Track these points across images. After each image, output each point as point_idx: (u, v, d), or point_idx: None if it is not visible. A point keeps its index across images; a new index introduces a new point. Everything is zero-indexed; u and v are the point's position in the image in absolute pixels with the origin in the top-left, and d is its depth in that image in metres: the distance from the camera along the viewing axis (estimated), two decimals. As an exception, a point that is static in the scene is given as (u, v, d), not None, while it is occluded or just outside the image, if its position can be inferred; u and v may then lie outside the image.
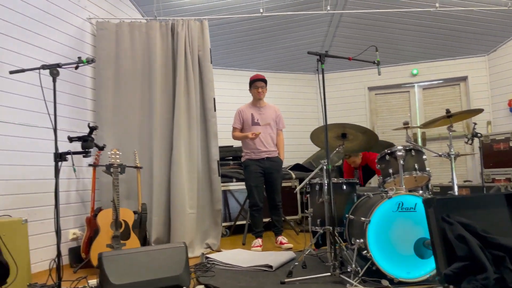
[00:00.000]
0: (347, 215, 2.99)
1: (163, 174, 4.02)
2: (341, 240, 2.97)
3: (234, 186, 5.09)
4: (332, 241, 2.74)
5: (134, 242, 3.37)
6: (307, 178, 3.17)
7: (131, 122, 4.07)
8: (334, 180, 3.13)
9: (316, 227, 3.12)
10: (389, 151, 2.96)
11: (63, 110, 3.72)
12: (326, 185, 2.98)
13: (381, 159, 3.04)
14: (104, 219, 3.31)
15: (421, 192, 2.99)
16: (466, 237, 2.05)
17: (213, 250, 3.97)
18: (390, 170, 2.94)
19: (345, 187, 3.14)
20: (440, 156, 3.25)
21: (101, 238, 3.26)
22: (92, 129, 2.46)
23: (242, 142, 4.24)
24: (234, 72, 6.65)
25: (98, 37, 4.08)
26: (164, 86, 4.12)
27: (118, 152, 3.52)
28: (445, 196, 2.50)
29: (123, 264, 2.23)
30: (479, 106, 6.13)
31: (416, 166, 2.91)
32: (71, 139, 2.38)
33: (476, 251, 2.01)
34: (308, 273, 2.83)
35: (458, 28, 5.71)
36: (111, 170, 3.46)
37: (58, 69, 2.44)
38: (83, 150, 2.40)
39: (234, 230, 5.06)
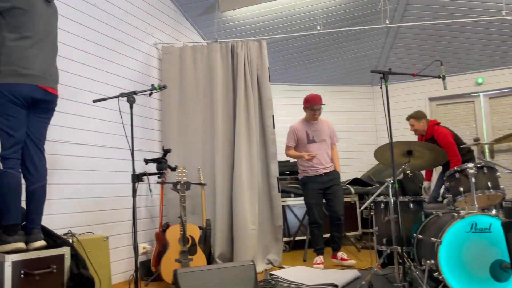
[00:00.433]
0: (415, 235, 2.91)
1: (225, 190, 4.15)
2: (410, 260, 2.90)
3: (292, 201, 5.11)
4: (400, 261, 2.69)
5: (200, 257, 3.50)
6: (372, 198, 3.13)
7: (195, 140, 4.26)
8: (401, 198, 3.07)
9: (382, 246, 3.07)
10: (459, 169, 2.86)
11: (134, 131, 3.97)
12: (393, 203, 2.93)
13: (450, 177, 2.94)
14: (172, 235, 3.47)
15: (494, 211, 2.85)
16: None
17: (274, 266, 4.01)
18: (461, 188, 2.84)
19: (412, 206, 3.07)
20: (514, 172, 3.09)
21: (170, 253, 3.41)
22: (166, 151, 2.62)
23: (298, 159, 4.22)
24: (290, 87, 6.72)
25: (164, 61, 4.33)
26: (224, 105, 4.28)
27: (184, 170, 3.69)
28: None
29: (197, 281, 2.34)
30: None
31: (489, 184, 2.79)
32: (147, 161, 2.55)
33: None
34: (375, 293, 2.79)
35: (527, 33, 5.40)
36: (178, 187, 3.63)
37: (134, 96, 2.64)
38: (158, 171, 2.55)
39: (294, 245, 5.07)
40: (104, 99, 2.62)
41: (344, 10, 5.20)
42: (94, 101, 2.62)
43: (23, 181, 2.36)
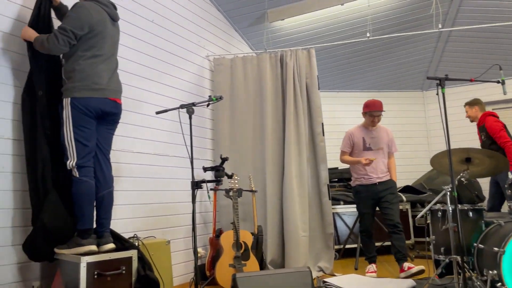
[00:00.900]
0: (475, 244, 2.82)
1: (276, 197, 4.21)
2: (471, 270, 2.81)
3: (341, 208, 5.07)
4: (460, 271, 2.62)
5: (253, 263, 3.58)
6: (428, 206, 3.07)
7: (246, 148, 4.37)
8: (459, 206, 2.99)
9: (439, 256, 2.99)
10: (521, 176, 2.75)
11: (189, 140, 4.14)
12: (451, 211, 2.86)
13: (511, 185, 2.84)
14: (226, 240, 3.57)
15: None
16: None
17: (325, 274, 4.01)
18: (525, 197, 2.73)
19: (471, 214, 2.98)
20: None
21: (224, 258, 3.52)
22: (223, 160, 2.73)
23: (351, 166, 4.11)
24: (338, 94, 6.70)
25: (216, 72, 4.50)
26: (274, 113, 4.36)
27: (236, 177, 3.79)
28: None
29: (255, 285, 2.41)
30: None
31: (556, 192, 2.66)
32: (205, 169, 2.66)
33: None
34: (434, 304, 2.73)
35: None
36: (231, 194, 3.74)
37: (193, 107, 2.77)
38: (216, 179, 2.66)
39: (344, 253, 5.03)
40: (166, 111, 2.77)
41: (394, 16, 5.14)
42: (157, 112, 2.78)
43: (94, 187, 2.55)
